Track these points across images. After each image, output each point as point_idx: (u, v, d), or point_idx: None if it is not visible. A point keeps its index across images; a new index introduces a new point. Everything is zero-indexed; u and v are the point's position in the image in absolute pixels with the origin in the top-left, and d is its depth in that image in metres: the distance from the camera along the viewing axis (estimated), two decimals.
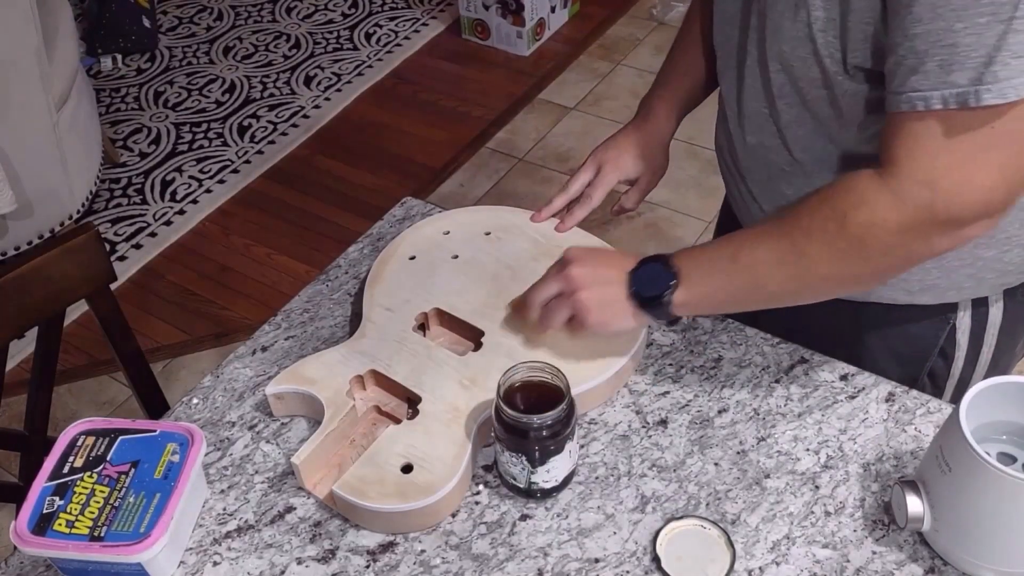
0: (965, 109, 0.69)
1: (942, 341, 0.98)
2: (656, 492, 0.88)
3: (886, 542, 0.83)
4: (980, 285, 0.93)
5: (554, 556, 0.84)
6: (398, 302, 1.02)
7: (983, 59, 0.67)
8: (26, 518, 0.81)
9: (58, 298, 1.10)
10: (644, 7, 3.25)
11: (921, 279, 0.93)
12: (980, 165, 0.72)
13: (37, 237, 2.34)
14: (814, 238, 0.80)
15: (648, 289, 0.88)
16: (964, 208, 0.73)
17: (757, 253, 0.83)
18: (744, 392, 0.96)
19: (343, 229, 2.51)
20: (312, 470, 0.89)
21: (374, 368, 0.95)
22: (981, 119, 0.70)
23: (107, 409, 2.14)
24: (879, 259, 0.79)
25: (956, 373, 1.01)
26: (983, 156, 0.71)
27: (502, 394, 0.83)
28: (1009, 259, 0.90)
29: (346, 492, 0.85)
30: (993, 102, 0.68)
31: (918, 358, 1.01)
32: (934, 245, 0.77)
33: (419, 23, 3.25)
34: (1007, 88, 0.67)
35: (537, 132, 2.81)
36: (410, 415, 0.92)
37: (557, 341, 0.96)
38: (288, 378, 0.95)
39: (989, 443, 0.80)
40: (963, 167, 0.72)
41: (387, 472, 0.86)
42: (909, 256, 0.79)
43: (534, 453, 0.83)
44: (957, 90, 0.69)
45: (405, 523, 0.86)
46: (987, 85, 0.67)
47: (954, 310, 0.96)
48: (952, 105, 0.69)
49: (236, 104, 2.95)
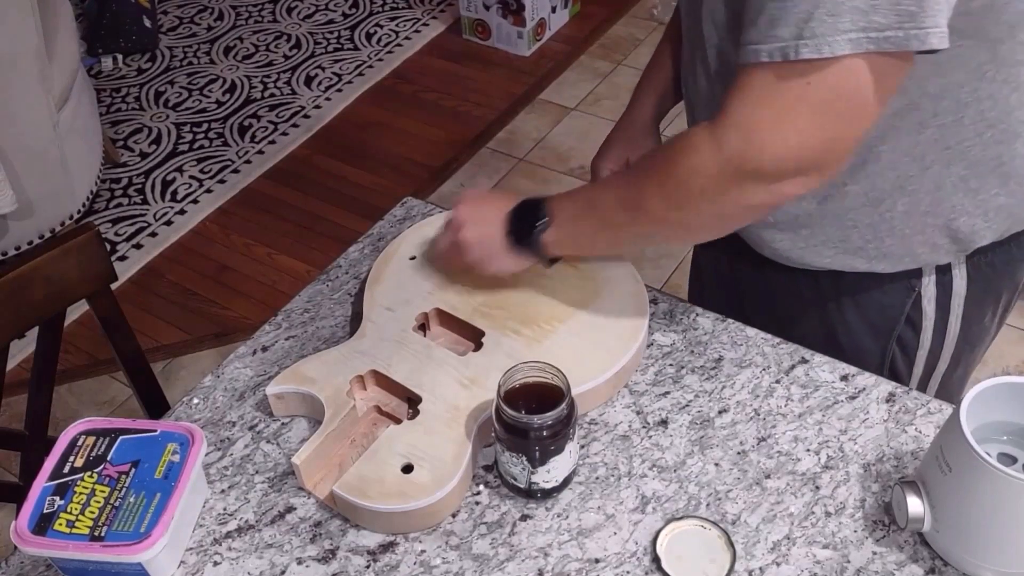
0: (787, 62, 0.71)
1: (908, 308, 1.00)
2: (656, 492, 0.88)
3: (886, 542, 0.83)
4: (936, 252, 0.95)
5: (554, 556, 0.84)
6: (398, 302, 1.02)
7: (804, 15, 0.69)
8: (26, 518, 0.81)
9: (58, 298, 1.10)
10: (644, 7, 3.25)
11: (876, 246, 0.95)
12: (794, 120, 0.74)
13: (38, 237, 2.34)
14: (651, 182, 0.84)
15: (521, 227, 0.92)
16: (774, 160, 0.75)
17: (609, 199, 0.88)
18: (744, 392, 0.96)
19: (343, 229, 2.51)
20: (313, 470, 0.89)
21: (374, 368, 0.95)
22: (799, 73, 0.72)
23: (107, 409, 2.14)
24: (700, 204, 0.81)
25: (926, 343, 1.03)
26: (798, 111, 0.73)
27: (502, 394, 0.83)
28: (957, 227, 0.92)
29: (346, 492, 0.85)
30: (810, 56, 0.70)
31: (887, 326, 1.02)
32: (749, 196, 0.78)
33: (420, 23, 3.25)
34: (822, 44, 0.69)
35: (537, 132, 2.82)
36: (410, 415, 0.92)
37: (558, 341, 0.96)
38: (288, 378, 0.95)
39: (989, 444, 0.80)
40: (778, 120, 0.74)
41: (387, 472, 0.86)
42: (728, 204, 0.80)
43: (534, 453, 0.83)
44: (780, 44, 0.71)
45: (406, 523, 0.86)
46: (805, 40, 0.70)
47: (918, 277, 0.98)
48: (776, 57, 0.72)
49: (237, 104, 2.95)
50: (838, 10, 0.68)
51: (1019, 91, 0.84)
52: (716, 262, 1.17)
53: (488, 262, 0.96)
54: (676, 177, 0.81)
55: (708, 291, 1.22)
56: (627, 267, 1.04)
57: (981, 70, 0.82)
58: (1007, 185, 0.90)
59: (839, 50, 0.69)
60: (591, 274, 1.03)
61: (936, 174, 0.88)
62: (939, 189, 0.89)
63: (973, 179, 0.89)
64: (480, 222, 0.96)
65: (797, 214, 0.95)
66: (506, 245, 0.94)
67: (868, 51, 0.69)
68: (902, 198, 0.91)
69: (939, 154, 0.87)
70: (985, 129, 0.86)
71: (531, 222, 0.92)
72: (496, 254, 0.95)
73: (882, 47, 0.69)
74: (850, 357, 1.00)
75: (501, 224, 0.94)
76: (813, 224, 0.95)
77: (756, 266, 1.04)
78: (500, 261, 0.96)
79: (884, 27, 0.68)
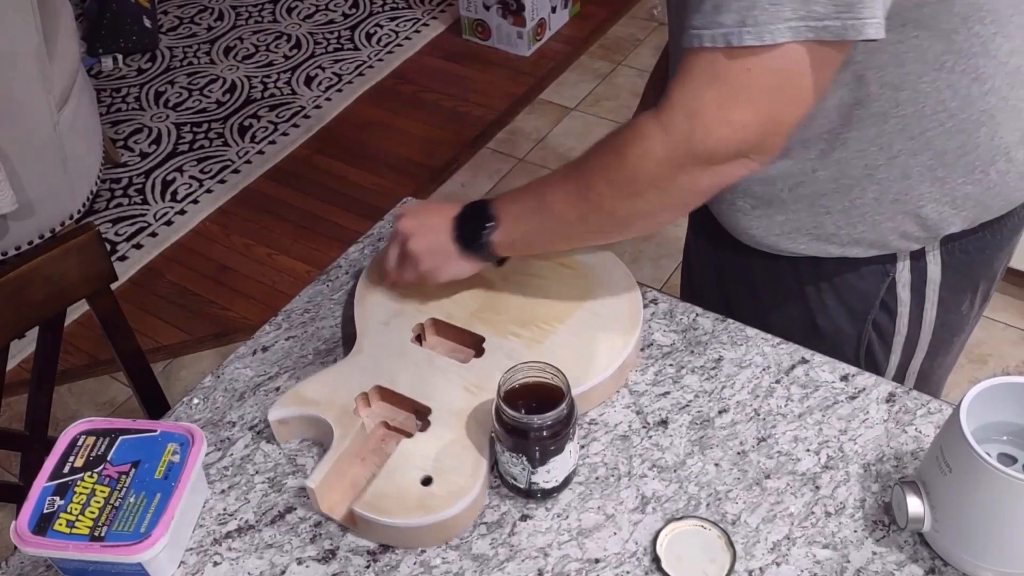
0: (730, 48, 0.73)
1: (883, 293, 1.02)
2: (656, 492, 0.88)
3: (886, 543, 0.83)
4: (906, 239, 0.96)
5: (554, 556, 0.84)
6: (391, 314, 1.01)
7: (747, 3, 0.72)
8: (26, 518, 0.81)
9: (59, 298, 1.10)
10: (644, 7, 3.25)
11: (849, 232, 0.96)
12: (737, 104, 0.76)
13: (38, 237, 2.34)
14: (599, 175, 0.84)
15: (469, 232, 0.92)
16: (719, 144, 0.77)
17: (557, 195, 0.88)
18: (744, 392, 0.96)
19: (343, 229, 2.51)
20: (327, 493, 0.87)
21: (378, 383, 0.94)
22: (742, 59, 0.74)
23: (107, 409, 2.14)
24: (651, 192, 0.82)
25: (902, 330, 1.04)
26: (740, 96, 0.76)
27: (502, 395, 0.83)
28: (927, 214, 0.94)
29: (367, 511, 0.83)
30: (752, 43, 0.72)
31: (863, 310, 1.04)
32: (697, 180, 0.81)
33: (420, 23, 3.25)
34: (764, 32, 0.72)
35: (538, 132, 2.82)
36: (420, 427, 0.91)
37: (558, 341, 0.96)
38: (291, 401, 0.93)
39: (989, 444, 0.80)
40: (722, 103, 0.76)
41: (407, 487, 0.85)
42: (677, 190, 0.82)
43: (534, 453, 0.83)
44: (724, 30, 0.73)
45: (430, 536, 0.85)
46: (748, 27, 0.72)
47: (893, 262, 0.99)
48: (720, 43, 0.74)
49: (237, 104, 2.95)
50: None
51: (979, 81, 0.85)
52: (703, 250, 1.19)
53: (440, 271, 0.96)
54: (625, 166, 0.82)
55: (696, 278, 1.24)
56: (616, 262, 1.04)
57: (939, 60, 0.83)
58: (973, 174, 0.91)
59: (780, 37, 0.72)
60: (583, 272, 1.03)
61: (903, 163, 0.90)
62: (907, 177, 0.91)
63: (939, 168, 0.90)
64: (426, 232, 0.95)
65: (771, 200, 0.97)
66: (455, 251, 0.94)
67: (807, 39, 0.72)
68: (871, 186, 0.92)
69: (904, 143, 0.89)
70: (947, 119, 0.87)
71: (478, 225, 0.92)
72: (446, 261, 0.95)
73: (820, 36, 0.72)
74: (829, 341, 1.02)
75: (448, 231, 0.94)
76: (787, 211, 0.97)
77: (739, 253, 1.06)
78: (451, 267, 0.96)
79: (823, 16, 0.71)
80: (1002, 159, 0.91)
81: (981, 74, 0.85)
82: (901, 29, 0.81)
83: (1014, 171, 0.93)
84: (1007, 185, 0.93)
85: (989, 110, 0.87)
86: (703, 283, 1.20)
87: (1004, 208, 0.96)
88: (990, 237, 0.99)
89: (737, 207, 1.00)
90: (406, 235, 0.96)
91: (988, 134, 0.89)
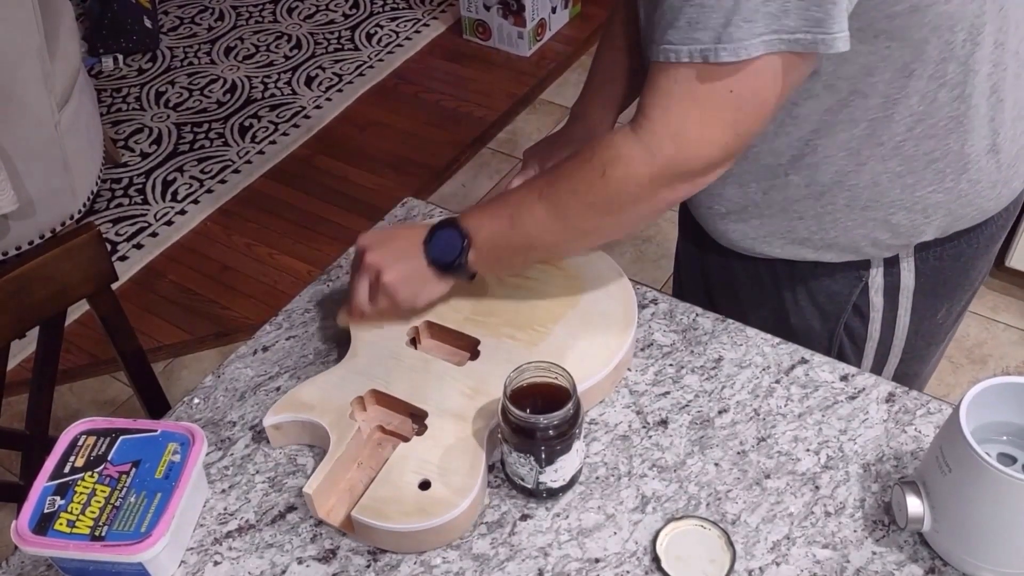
0: (707, 64, 0.75)
1: (855, 297, 1.03)
2: (656, 492, 0.88)
3: (886, 542, 0.83)
4: (878, 246, 0.98)
5: (554, 556, 0.84)
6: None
7: (722, 20, 0.73)
8: (27, 518, 0.81)
9: (59, 298, 1.10)
10: None
11: (822, 237, 0.98)
12: (717, 121, 0.78)
13: (38, 237, 2.34)
14: (577, 197, 0.85)
15: (445, 255, 0.92)
16: (701, 160, 0.80)
17: (531, 215, 0.88)
18: (744, 392, 0.96)
19: (344, 229, 2.51)
20: (324, 498, 0.87)
21: (374, 387, 0.94)
22: (720, 77, 0.76)
23: (108, 409, 2.14)
24: (632, 209, 0.85)
25: (874, 334, 1.05)
26: (720, 113, 0.78)
27: (508, 395, 0.83)
28: (897, 221, 0.95)
29: (365, 516, 0.83)
30: (728, 59, 0.74)
31: (835, 312, 1.05)
32: (678, 192, 0.83)
33: (420, 24, 3.25)
34: (740, 48, 0.73)
35: (538, 132, 2.82)
36: (417, 431, 0.91)
37: (555, 342, 0.96)
38: (286, 406, 0.93)
39: (989, 444, 0.80)
40: (704, 123, 0.78)
41: (405, 491, 0.85)
42: (658, 204, 0.85)
43: (542, 453, 0.83)
44: (701, 46, 0.74)
45: (429, 540, 0.85)
46: (724, 44, 0.73)
47: (867, 268, 1.00)
48: (697, 59, 0.75)
49: (237, 104, 2.95)
50: (753, 16, 0.72)
51: (946, 87, 0.86)
52: (690, 252, 1.20)
53: (418, 296, 0.95)
54: (607, 187, 0.83)
55: (685, 279, 1.26)
56: (607, 260, 1.04)
57: (908, 68, 0.84)
58: (943, 182, 0.92)
59: (755, 52, 0.73)
60: (575, 272, 1.03)
61: (872, 169, 0.91)
62: (876, 185, 0.92)
63: (908, 175, 0.91)
64: (397, 260, 0.93)
65: (746, 205, 0.99)
66: (431, 274, 0.93)
67: (780, 51, 0.74)
68: (842, 192, 0.93)
69: (873, 150, 0.90)
70: (915, 124, 0.88)
71: (453, 250, 0.91)
72: (424, 286, 0.94)
73: (792, 48, 0.74)
74: (800, 339, 1.02)
75: (420, 256, 0.93)
76: (762, 215, 0.99)
77: (722, 255, 1.08)
78: (429, 291, 0.95)
79: (794, 29, 0.73)
80: (972, 168, 0.91)
81: (950, 80, 0.85)
82: (873, 40, 0.81)
83: (985, 180, 0.93)
84: (979, 195, 0.94)
85: (958, 116, 0.87)
86: (691, 283, 1.22)
87: (977, 218, 0.96)
88: (965, 246, 0.99)
89: (715, 211, 1.02)
90: (378, 267, 0.93)
91: (958, 141, 0.89)
